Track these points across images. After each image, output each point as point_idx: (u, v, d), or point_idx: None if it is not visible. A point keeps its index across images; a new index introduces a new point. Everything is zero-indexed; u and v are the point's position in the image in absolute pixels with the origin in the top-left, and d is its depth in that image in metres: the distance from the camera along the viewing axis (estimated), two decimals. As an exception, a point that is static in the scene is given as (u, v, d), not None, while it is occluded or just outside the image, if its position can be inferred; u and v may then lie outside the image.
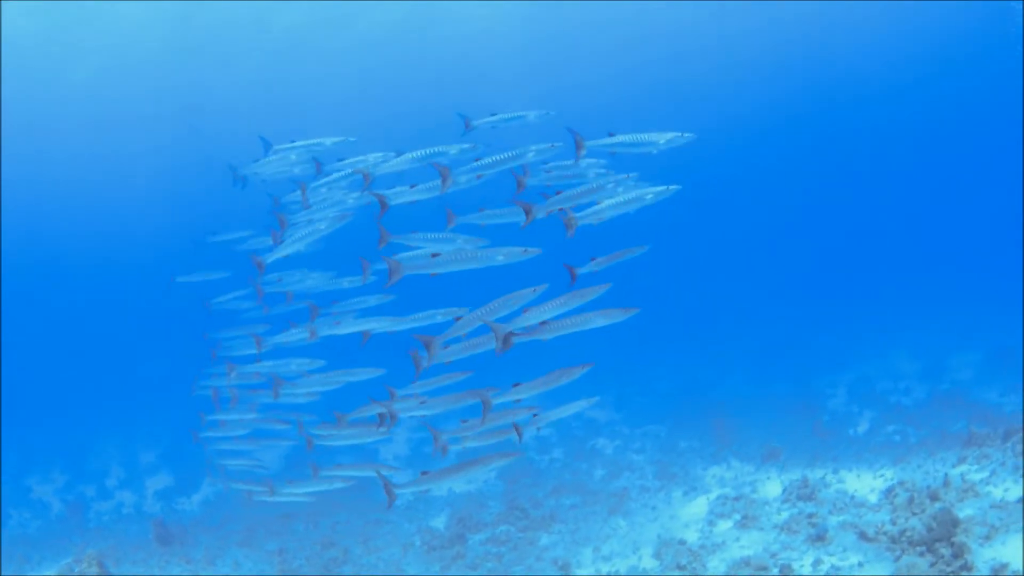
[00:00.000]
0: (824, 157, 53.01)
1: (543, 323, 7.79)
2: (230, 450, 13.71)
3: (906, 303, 34.37)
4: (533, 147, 8.87)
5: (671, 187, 8.70)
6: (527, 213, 8.47)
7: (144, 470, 27.28)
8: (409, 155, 9.15)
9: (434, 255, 8.17)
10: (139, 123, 41.68)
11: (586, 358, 8.28)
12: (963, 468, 13.42)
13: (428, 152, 8.99)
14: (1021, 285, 29.32)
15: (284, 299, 11.96)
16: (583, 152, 8.81)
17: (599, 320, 7.82)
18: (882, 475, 14.84)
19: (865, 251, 47.46)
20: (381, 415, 9.38)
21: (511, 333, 7.64)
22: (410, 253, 8.52)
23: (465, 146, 8.95)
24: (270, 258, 10.37)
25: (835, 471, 15.62)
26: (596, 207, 8.63)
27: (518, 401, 8.44)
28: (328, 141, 10.96)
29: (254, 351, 11.78)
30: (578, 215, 8.56)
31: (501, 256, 8.13)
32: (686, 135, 8.78)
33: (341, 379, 10.93)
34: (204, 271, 14.65)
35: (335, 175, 10.08)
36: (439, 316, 9.33)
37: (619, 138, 8.81)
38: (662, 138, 8.69)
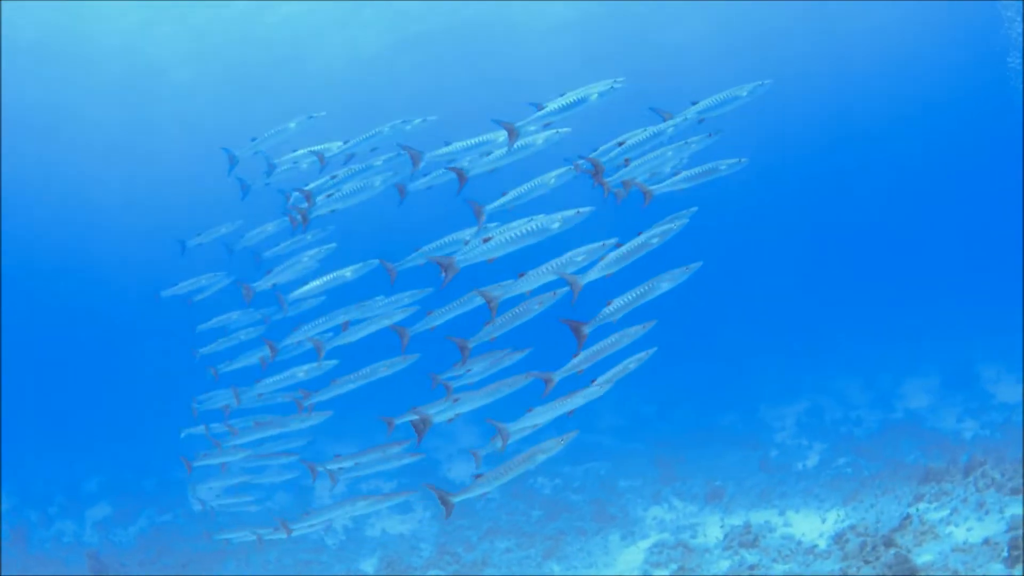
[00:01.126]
0: (777, 188, 52.49)
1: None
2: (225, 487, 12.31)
3: (857, 329, 33.38)
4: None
5: (742, 159, 8.61)
6: (597, 173, 8.07)
7: (85, 498, 25.91)
8: (498, 152, 8.44)
9: (486, 239, 7.66)
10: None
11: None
12: (920, 507, 12.04)
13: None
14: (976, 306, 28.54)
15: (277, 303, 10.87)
16: (670, 123, 8.32)
17: (665, 283, 7.70)
18: (832, 516, 13.46)
19: (814, 275, 46.65)
20: (415, 423, 8.03)
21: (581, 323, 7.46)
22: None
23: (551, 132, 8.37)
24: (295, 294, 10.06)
25: (781, 512, 14.25)
26: (674, 178, 8.47)
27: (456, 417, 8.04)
28: (292, 124, 10.85)
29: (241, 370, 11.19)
30: (656, 186, 8.35)
31: (557, 223, 7.63)
32: (766, 82, 8.38)
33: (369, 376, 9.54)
34: (191, 280, 12.58)
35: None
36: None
37: (703, 103, 8.33)
38: (744, 90, 8.33)
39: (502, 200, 8.24)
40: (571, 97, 8.22)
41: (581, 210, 7.72)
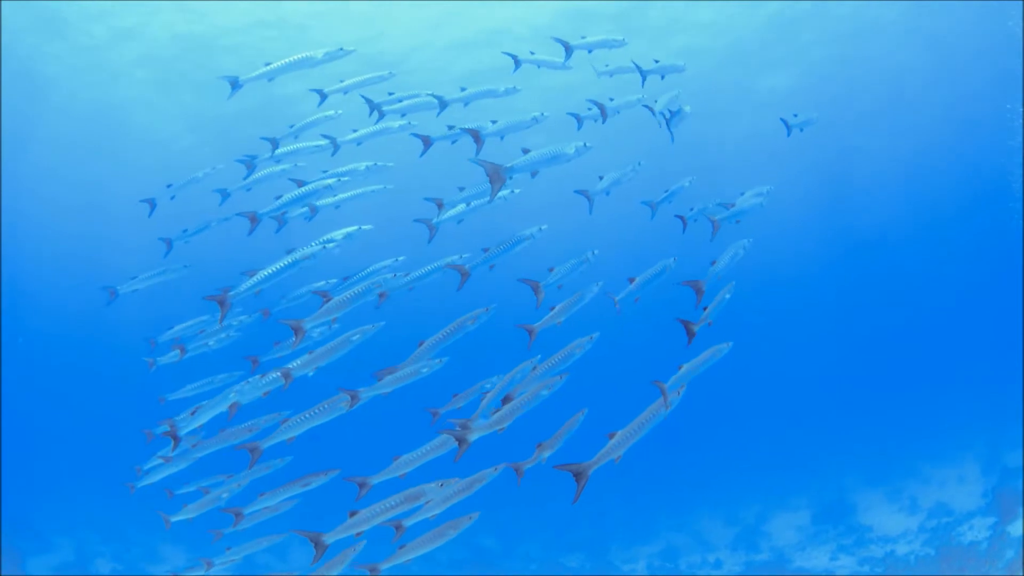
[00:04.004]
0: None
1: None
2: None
3: (718, 459, 30.08)
4: None
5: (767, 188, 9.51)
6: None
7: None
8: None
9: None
10: None
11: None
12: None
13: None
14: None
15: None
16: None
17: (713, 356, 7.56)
18: None
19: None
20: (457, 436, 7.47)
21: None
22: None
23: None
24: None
25: None
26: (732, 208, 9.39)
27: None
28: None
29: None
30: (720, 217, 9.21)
31: (571, 149, 8.35)
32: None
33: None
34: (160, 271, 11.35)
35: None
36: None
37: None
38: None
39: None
40: (548, 152, 8.44)
41: (588, 144, 8.36)
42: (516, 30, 24.94)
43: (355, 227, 9.43)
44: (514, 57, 10.65)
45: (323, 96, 11.01)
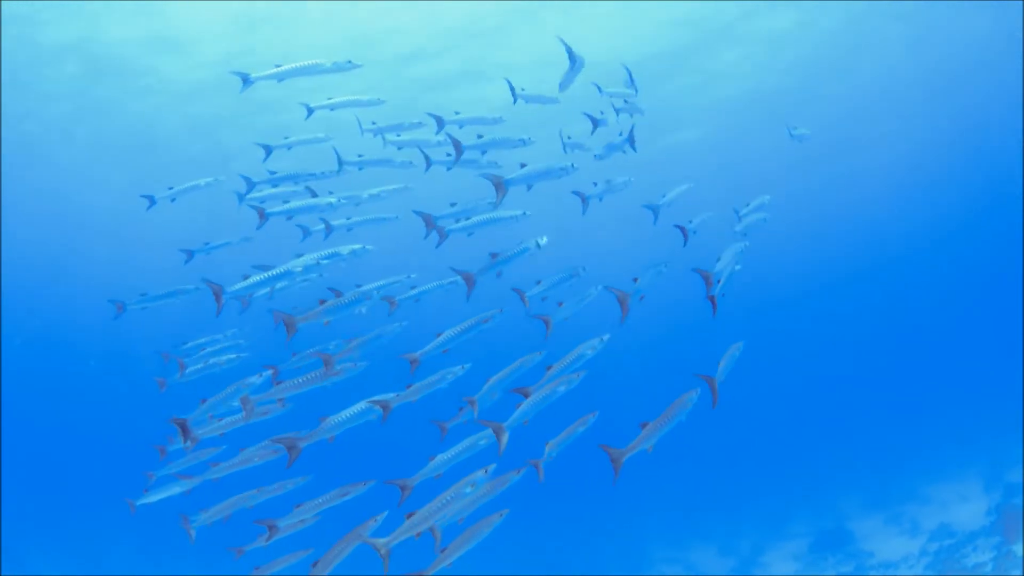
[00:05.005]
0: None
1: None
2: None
3: (711, 488, 28.90)
4: None
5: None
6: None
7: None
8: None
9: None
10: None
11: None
12: None
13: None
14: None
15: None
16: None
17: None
18: None
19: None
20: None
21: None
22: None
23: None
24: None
25: None
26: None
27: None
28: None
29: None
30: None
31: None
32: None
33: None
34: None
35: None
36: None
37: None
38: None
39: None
40: (514, 250, 8.89)
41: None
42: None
43: (359, 245, 9.81)
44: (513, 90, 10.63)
45: (310, 111, 11.41)
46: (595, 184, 9.76)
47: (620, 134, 10.25)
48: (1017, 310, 33.16)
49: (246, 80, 11.12)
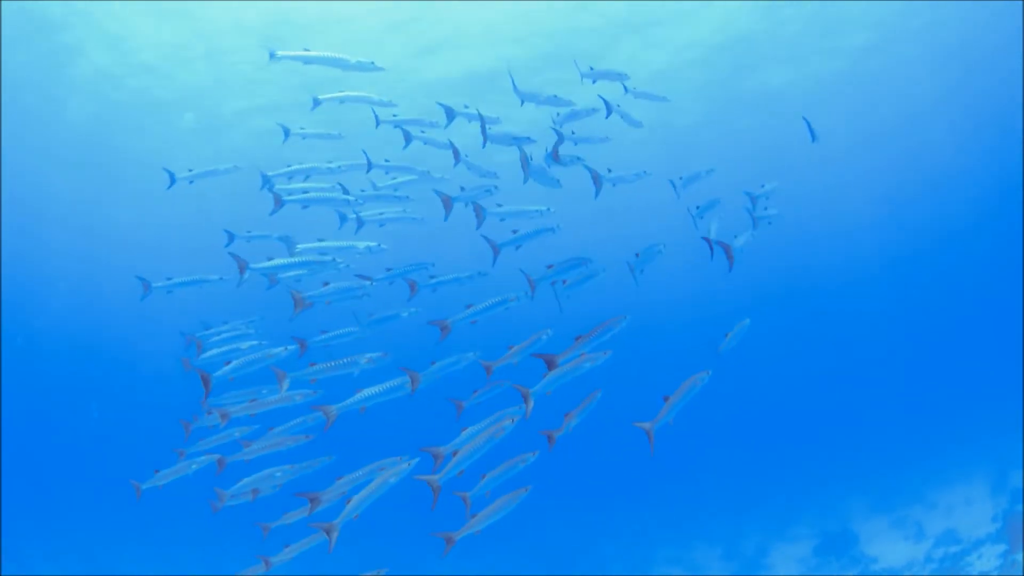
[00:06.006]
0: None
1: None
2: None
3: (717, 488, 28.74)
4: None
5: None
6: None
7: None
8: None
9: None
10: None
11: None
12: None
13: None
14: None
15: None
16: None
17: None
18: None
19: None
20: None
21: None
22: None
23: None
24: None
25: None
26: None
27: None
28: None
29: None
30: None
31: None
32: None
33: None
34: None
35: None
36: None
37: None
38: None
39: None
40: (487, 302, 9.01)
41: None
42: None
43: (375, 243, 10.42)
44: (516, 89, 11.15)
45: (316, 102, 11.74)
46: (609, 171, 10.07)
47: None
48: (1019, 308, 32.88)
49: (272, 56, 11.37)
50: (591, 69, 11.68)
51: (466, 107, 11.15)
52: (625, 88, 11.46)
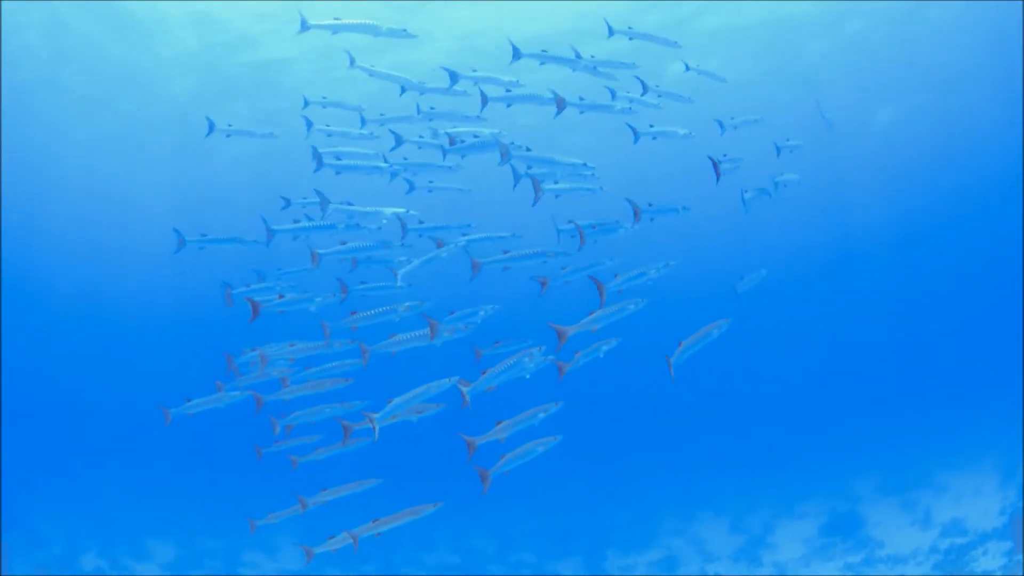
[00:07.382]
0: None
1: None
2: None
3: (723, 462, 28.67)
4: None
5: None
6: None
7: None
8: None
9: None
10: None
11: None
12: None
13: None
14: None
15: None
16: None
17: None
18: None
19: (676, 397, 42.01)
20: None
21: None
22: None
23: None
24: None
25: None
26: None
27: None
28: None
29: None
30: None
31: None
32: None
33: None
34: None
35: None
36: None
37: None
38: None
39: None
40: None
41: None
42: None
43: (404, 209, 10.69)
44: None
45: (352, 62, 12.29)
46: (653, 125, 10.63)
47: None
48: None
49: (303, 25, 11.56)
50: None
51: (474, 70, 11.43)
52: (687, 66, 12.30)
